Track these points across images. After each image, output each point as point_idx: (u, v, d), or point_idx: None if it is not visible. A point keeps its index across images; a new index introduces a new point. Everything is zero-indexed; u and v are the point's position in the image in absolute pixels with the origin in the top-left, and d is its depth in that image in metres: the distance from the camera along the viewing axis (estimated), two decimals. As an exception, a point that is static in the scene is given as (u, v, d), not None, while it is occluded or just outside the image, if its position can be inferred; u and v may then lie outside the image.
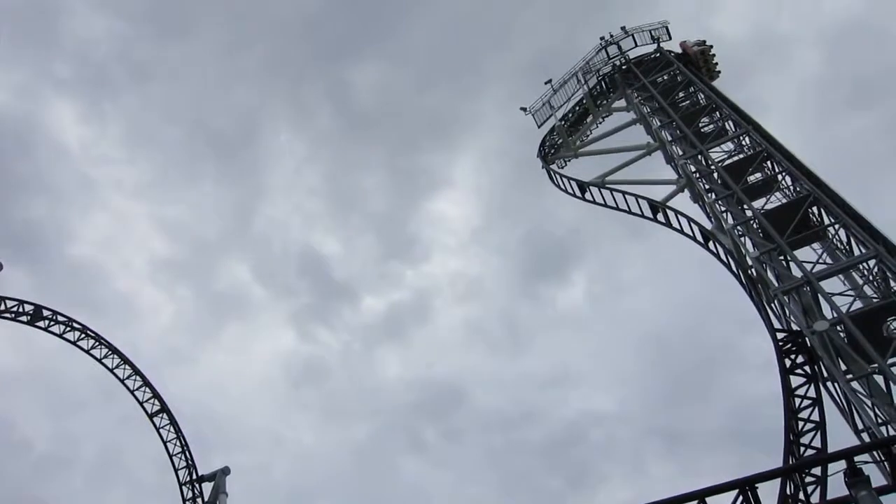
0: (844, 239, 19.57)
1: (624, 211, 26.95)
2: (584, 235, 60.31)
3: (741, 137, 24.72)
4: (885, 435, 14.81)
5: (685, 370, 51.72)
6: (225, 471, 29.35)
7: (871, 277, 18.49)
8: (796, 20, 58.26)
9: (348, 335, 64.54)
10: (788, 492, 14.60)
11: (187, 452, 29.52)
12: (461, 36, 68.63)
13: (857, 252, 18.98)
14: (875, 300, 18.23)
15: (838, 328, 16.94)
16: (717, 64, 31.78)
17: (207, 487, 29.62)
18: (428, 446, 57.05)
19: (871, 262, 18.36)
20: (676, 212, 23.85)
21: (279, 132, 68.62)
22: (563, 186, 30.31)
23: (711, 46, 31.85)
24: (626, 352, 56.21)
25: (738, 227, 21.15)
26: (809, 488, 14.80)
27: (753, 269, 20.19)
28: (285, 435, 57.49)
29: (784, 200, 22.17)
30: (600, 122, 32.71)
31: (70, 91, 68.86)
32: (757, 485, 11.23)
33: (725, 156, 24.98)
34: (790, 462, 15.18)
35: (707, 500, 11.21)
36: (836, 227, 19.80)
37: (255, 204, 71.31)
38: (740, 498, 10.98)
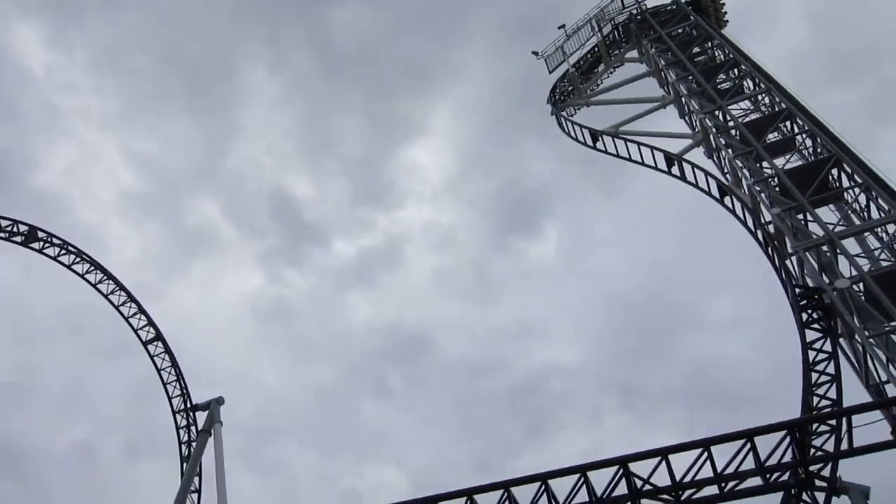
0: (864, 202, 19.96)
1: (637, 162, 27.00)
2: (557, 190, 60.65)
3: (761, 96, 24.81)
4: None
5: (647, 328, 52.91)
6: (219, 400, 29.40)
7: (889, 241, 18.95)
8: None
9: (317, 278, 64.32)
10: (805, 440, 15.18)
11: (181, 381, 29.41)
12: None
13: (875, 215, 19.41)
14: (890, 263, 18.74)
15: (856, 287, 17.44)
16: (725, 13, 31.61)
17: (200, 417, 29.68)
18: (392, 391, 57.72)
19: (891, 227, 18.82)
20: (693, 165, 23.98)
21: (255, 69, 66.88)
22: (573, 134, 30.20)
23: None
24: (592, 307, 57.11)
25: (757, 185, 21.40)
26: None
27: (772, 226, 20.52)
28: (250, 374, 57.46)
29: (800, 162, 22.52)
30: (611, 73, 32.55)
31: (36, 12, 65.72)
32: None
33: (742, 113, 25.13)
34: (807, 412, 15.74)
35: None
36: (857, 189, 20.15)
37: (228, 141, 69.88)
38: (787, 438, 11.38)
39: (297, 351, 61.09)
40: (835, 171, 20.99)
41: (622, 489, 13.13)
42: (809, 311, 17.97)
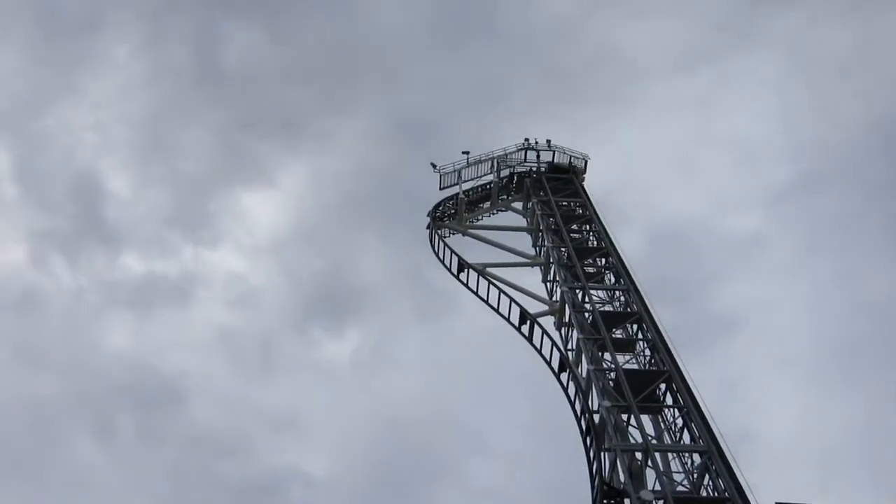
0: (680, 423, 21.61)
1: (490, 307, 27.88)
2: (375, 297, 60.33)
3: (620, 293, 26.74)
4: None
5: (409, 466, 52.57)
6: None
7: (691, 469, 20.46)
8: (639, 205, 64.00)
9: (88, 282, 58.70)
10: None
11: None
12: (357, 46, 67.94)
13: (686, 439, 21.02)
14: (685, 490, 20.17)
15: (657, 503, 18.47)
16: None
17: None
18: (116, 436, 52.14)
19: (696, 456, 20.37)
20: (544, 331, 25.00)
21: (123, 41, 62.80)
22: (440, 256, 30.75)
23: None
24: (364, 426, 55.57)
25: (596, 373, 22.57)
26: None
27: (597, 416, 21.51)
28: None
29: (636, 365, 24.17)
30: (494, 213, 33.96)
31: None
32: None
33: (598, 301, 26.85)
34: None
35: None
36: (676, 411, 21.82)
37: (57, 97, 64.72)
38: None
39: (23, 350, 54.00)
40: (663, 385, 22.71)
41: None
42: (608, 511, 18.70)
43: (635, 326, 25.18)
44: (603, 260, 28.89)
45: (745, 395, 50.93)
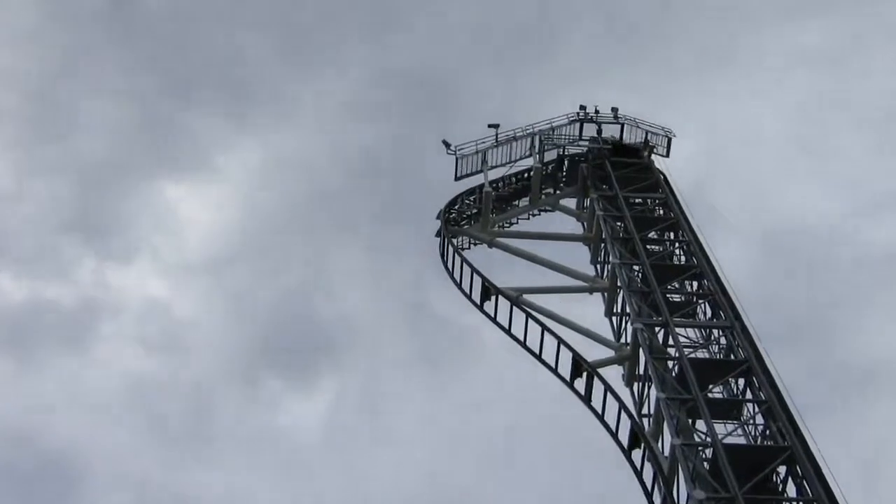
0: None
1: (529, 350, 28.13)
2: (360, 336, 60.33)
3: (720, 332, 26.97)
4: None
5: None
6: None
7: None
8: (745, 204, 63.38)
9: None
10: None
11: None
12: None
13: (818, 550, 21.13)
14: None
15: None
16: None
17: None
18: None
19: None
20: (608, 386, 25.19)
21: None
22: (455, 277, 31.03)
23: None
24: None
25: (686, 448, 22.75)
26: None
27: (688, 514, 21.70)
28: None
29: (743, 440, 24.34)
30: (534, 215, 34.31)
31: None
32: None
33: (687, 343, 27.07)
34: None
35: None
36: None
37: None
38: None
39: None
40: (782, 468, 22.88)
41: None
42: None
43: (742, 382, 25.45)
44: (695, 284, 29.20)
45: (900, 480, 50.86)
